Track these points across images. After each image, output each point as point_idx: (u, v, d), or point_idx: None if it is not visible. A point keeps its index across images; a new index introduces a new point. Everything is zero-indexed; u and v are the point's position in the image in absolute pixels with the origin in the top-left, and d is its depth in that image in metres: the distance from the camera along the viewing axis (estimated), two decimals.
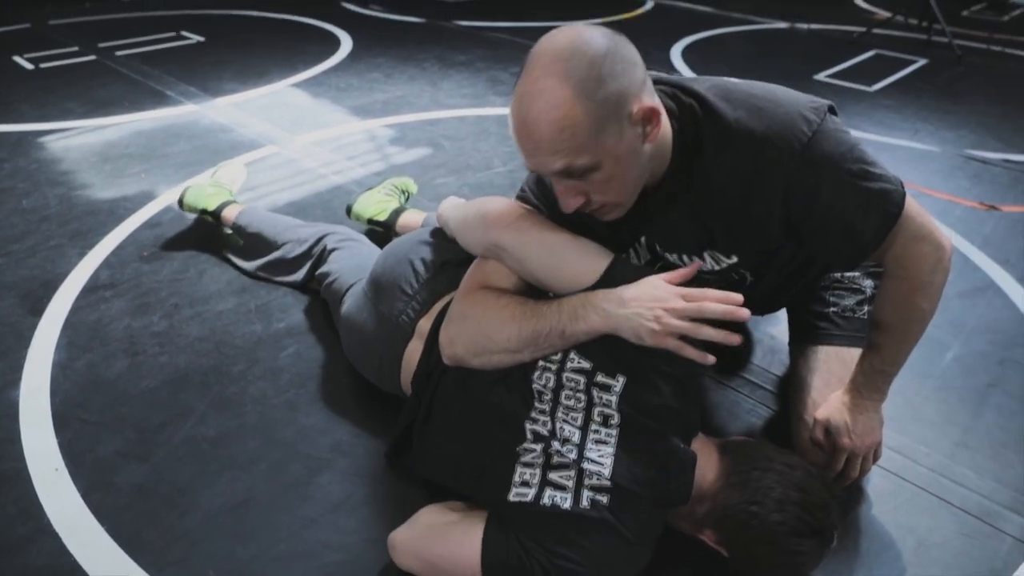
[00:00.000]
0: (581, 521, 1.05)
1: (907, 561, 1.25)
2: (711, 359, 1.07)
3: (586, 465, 1.08)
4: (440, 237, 1.48)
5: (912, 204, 1.14)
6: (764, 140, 1.07)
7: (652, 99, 1.04)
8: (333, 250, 1.80)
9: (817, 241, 1.17)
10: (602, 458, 1.08)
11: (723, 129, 1.09)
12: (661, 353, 1.09)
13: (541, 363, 1.15)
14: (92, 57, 3.86)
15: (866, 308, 1.45)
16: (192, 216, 2.18)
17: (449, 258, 1.42)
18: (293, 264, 1.88)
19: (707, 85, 1.13)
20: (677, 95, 1.13)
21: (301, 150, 2.77)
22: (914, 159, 2.86)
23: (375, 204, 2.08)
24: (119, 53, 3.93)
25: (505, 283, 1.21)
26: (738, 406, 1.57)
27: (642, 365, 1.11)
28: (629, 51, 1.01)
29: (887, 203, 1.11)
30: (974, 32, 4.89)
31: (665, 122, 1.09)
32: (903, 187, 1.13)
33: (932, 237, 1.16)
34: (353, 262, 1.70)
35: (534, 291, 1.22)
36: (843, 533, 1.30)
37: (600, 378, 1.12)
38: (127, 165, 2.62)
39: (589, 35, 0.99)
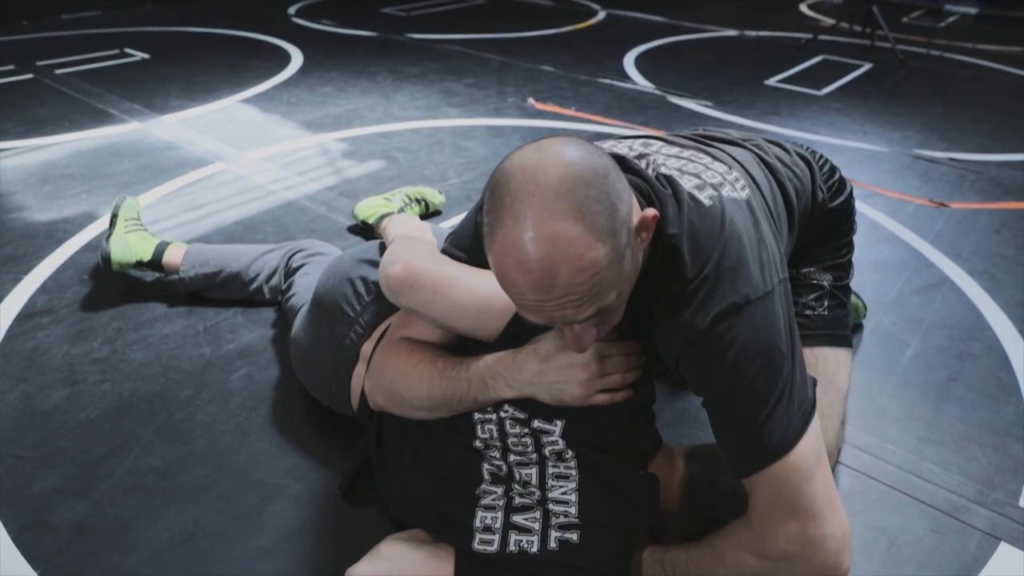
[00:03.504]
0: (549, 567, 1.01)
1: (880, 561, 1.23)
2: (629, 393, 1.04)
3: (551, 505, 1.04)
4: (381, 254, 1.42)
5: (803, 460, 0.93)
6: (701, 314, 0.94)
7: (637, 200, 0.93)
8: (299, 267, 1.74)
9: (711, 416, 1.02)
10: (566, 495, 1.05)
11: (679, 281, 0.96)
12: None
13: (477, 415, 1.10)
14: (29, 76, 3.71)
15: (826, 303, 1.43)
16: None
17: None
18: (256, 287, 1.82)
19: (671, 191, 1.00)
20: (651, 184, 1.00)
21: (250, 166, 2.69)
22: (864, 160, 2.91)
23: (372, 206, 2.10)
24: (59, 71, 3.79)
25: (424, 333, 1.14)
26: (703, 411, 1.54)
27: (577, 409, 1.05)
28: (605, 162, 0.86)
29: (769, 439, 0.93)
30: (914, 37, 5.04)
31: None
32: (800, 433, 0.94)
33: (814, 519, 0.93)
34: (312, 279, 1.64)
35: (459, 340, 1.15)
36: None
37: (538, 424, 1.07)
38: (67, 186, 2.51)
39: (577, 155, 0.84)
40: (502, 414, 1.08)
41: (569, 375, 1.01)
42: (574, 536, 1.01)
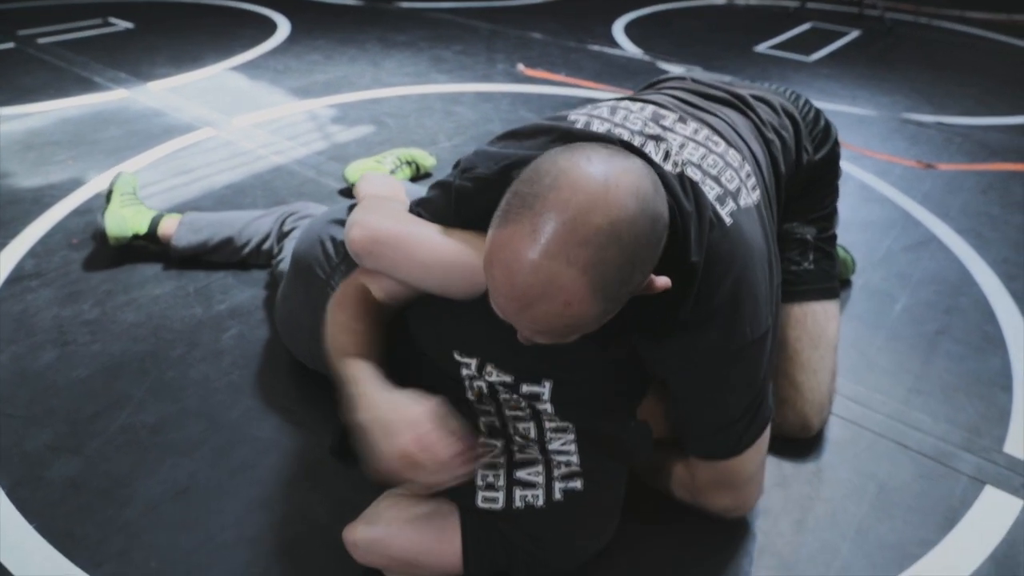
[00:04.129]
0: (558, 517, 1.01)
1: (870, 505, 1.25)
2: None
3: (552, 456, 1.04)
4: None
5: (749, 459, 1.07)
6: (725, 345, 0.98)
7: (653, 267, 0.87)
8: (290, 231, 1.73)
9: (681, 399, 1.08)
10: (566, 446, 1.05)
11: (703, 307, 0.96)
12: (584, 349, 1.00)
13: (465, 372, 1.07)
14: (11, 45, 3.64)
15: (811, 256, 1.40)
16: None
17: None
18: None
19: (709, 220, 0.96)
20: (676, 198, 0.94)
21: (239, 132, 2.66)
22: (854, 123, 2.91)
23: (362, 169, 2.09)
24: (41, 40, 3.72)
25: (386, 286, 1.12)
26: None
27: (564, 370, 1.05)
28: (660, 213, 0.82)
29: (748, 432, 1.05)
30: (902, 5, 5.02)
31: None
32: (755, 439, 1.06)
33: (744, 496, 1.11)
34: None
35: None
36: (806, 482, 1.30)
37: (526, 388, 1.06)
38: (53, 153, 2.47)
39: (634, 208, 0.77)
40: (487, 378, 1.07)
41: (401, 462, 0.92)
42: (578, 484, 1.02)
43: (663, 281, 0.88)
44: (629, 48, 3.84)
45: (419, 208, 1.12)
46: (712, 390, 1.03)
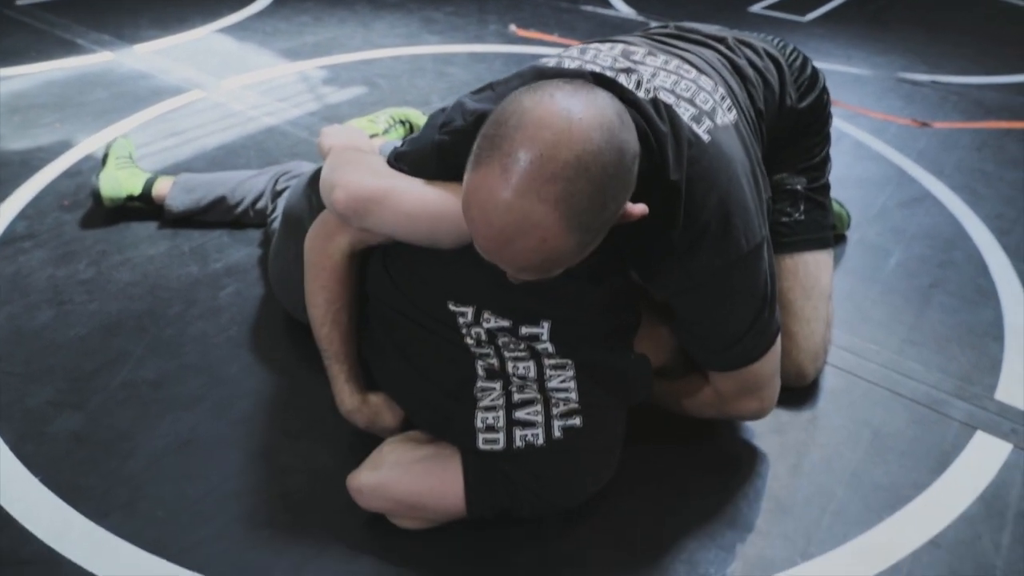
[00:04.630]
0: (559, 454, 1.03)
1: (864, 451, 1.28)
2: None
3: (551, 394, 1.05)
4: None
5: (767, 363, 1.11)
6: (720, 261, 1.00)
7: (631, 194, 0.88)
8: (283, 190, 1.71)
9: (686, 322, 1.11)
10: (565, 383, 1.05)
11: (693, 226, 0.98)
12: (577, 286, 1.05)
13: (461, 320, 1.08)
14: None
15: (802, 207, 1.38)
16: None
17: None
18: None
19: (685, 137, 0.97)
20: (650, 122, 0.95)
21: (229, 94, 2.63)
22: (849, 83, 2.90)
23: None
24: (20, 2, 3.63)
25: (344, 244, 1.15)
26: None
27: (560, 309, 1.06)
28: (627, 143, 0.83)
29: (760, 341, 1.09)
30: None
31: None
32: (770, 345, 1.11)
33: (766, 399, 1.16)
34: None
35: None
36: (801, 429, 1.32)
37: (525, 330, 1.07)
38: (39, 115, 2.43)
39: (600, 140, 0.79)
40: (485, 325, 1.07)
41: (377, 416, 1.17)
42: (577, 421, 1.03)
43: (640, 208, 0.89)
44: (622, 8, 3.79)
45: (399, 164, 1.11)
46: (718, 306, 1.05)
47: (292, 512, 1.14)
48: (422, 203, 1.03)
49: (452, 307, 1.08)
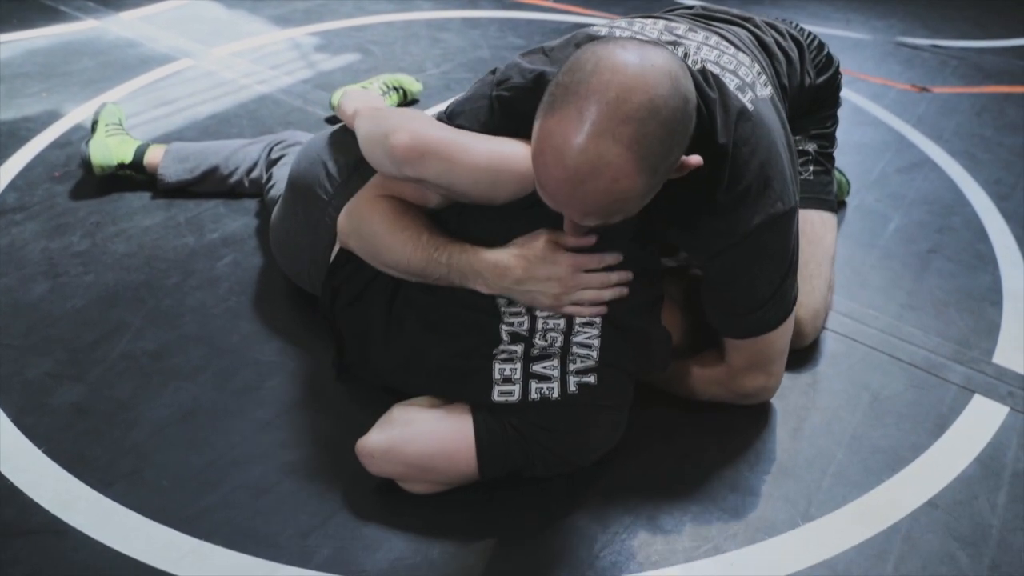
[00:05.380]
0: (573, 409, 1.04)
1: (863, 414, 1.29)
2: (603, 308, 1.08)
3: (574, 348, 1.06)
4: (353, 135, 1.37)
5: (782, 335, 1.16)
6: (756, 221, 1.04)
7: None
8: (279, 159, 1.69)
9: (714, 284, 1.15)
10: (590, 339, 1.07)
11: (736, 186, 1.03)
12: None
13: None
14: None
15: (811, 168, 1.45)
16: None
17: (363, 156, 1.32)
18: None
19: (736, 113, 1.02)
20: (700, 88, 0.99)
21: (219, 62, 2.58)
22: (848, 47, 2.87)
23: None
24: None
25: (412, 195, 1.13)
26: None
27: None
28: (690, 93, 0.89)
29: (780, 309, 1.13)
30: None
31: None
32: (788, 315, 1.15)
33: (774, 375, 1.20)
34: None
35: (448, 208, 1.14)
36: (802, 393, 1.33)
37: None
38: (24, 85, 2.38)
39: (669, 88, 0.84)
40: None
41: (545, 287, 1.05)
42: (591, 379, 1.05)
43: (695, 159, 0.93)
44: None
45: (454, 121, 1.13)
46: (751, 266, 1.09)
47: (297, 480, 1.14)
48: (486, 154, 1.05)
49: None
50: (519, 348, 1.08)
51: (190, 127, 2.14)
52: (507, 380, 1.05)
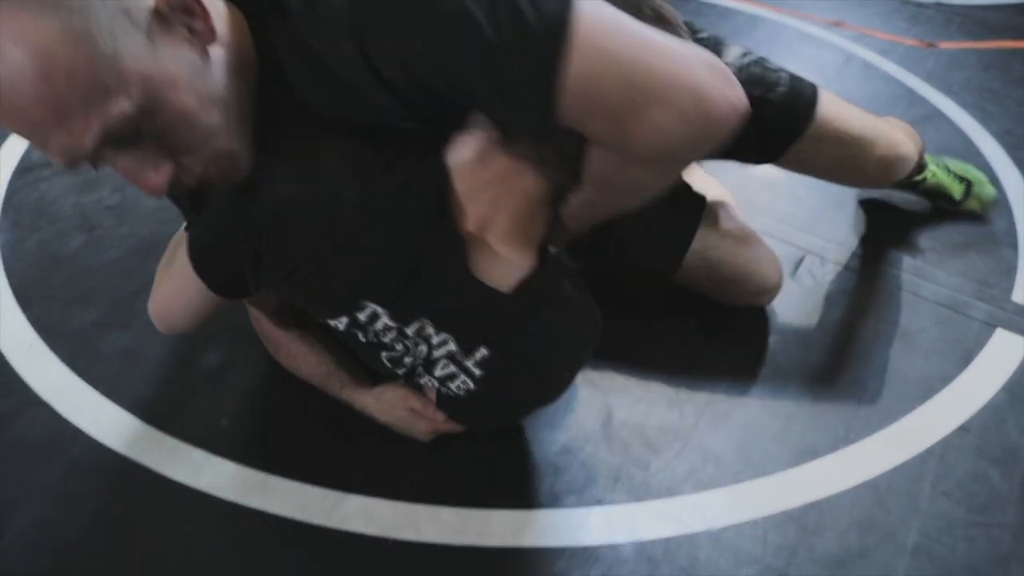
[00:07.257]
0: (492, 383, 0.98)
1: (894, 349, 1.34)
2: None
3: (435, 352, 0.96)
4: None
5: (598, 28, 0.68)
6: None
7: None
8: None
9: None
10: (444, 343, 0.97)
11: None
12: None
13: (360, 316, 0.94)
14: None
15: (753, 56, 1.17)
16: None
17: None
18: None
19: None
20: None
21: None
22: (853, 5, 2.88)
23: None
24: None
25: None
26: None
27: (506, 332, 0.95)
28: None
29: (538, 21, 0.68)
30: None
31: (223, 10, 0.76)
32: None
33: (672, 94, 0.68)
34: None
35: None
36: (830, 331, 1.37)
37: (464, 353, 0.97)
38: None
39: None
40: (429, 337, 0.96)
41: (412, 425, 1.11)
42: (483, 350, 0.94)
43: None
44: None
45: None
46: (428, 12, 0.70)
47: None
48: None
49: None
50: (401, 373, 1.04)
51: None
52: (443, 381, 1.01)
